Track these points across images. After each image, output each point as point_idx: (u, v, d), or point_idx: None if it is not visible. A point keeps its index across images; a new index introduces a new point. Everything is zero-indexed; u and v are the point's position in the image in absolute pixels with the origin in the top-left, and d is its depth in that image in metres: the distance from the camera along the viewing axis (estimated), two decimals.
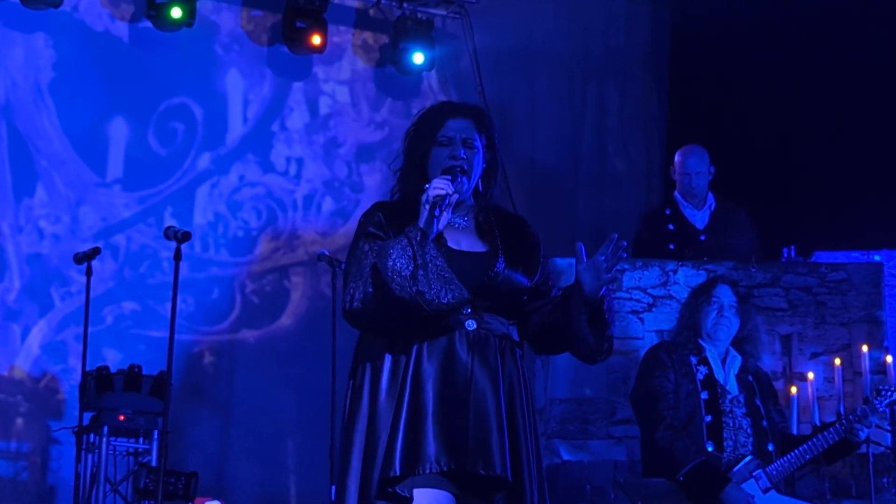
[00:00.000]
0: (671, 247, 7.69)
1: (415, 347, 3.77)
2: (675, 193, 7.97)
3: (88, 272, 7.49)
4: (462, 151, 3.93)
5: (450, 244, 3.86)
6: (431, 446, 3.66)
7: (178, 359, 7.66)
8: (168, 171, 8.95)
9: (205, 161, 9.06)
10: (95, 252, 7.56)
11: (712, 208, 7.90)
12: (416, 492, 3.67)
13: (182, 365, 8.42)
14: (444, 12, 9.76)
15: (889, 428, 6.80)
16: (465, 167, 3.91)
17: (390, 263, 3.67)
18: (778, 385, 7.18)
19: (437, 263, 3.70)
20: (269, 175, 9.25)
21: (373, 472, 3.70)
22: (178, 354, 7.24)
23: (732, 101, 9.69)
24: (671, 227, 7.80)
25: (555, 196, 10.14)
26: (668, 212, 7.91)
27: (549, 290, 4.03)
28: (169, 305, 6.73)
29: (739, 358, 6.07)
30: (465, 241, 3.92)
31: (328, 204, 9.35)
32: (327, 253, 7.79)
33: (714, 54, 9.77)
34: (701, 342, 6.05)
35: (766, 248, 7.96)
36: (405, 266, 3.66)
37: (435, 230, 3.77)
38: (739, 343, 6.11)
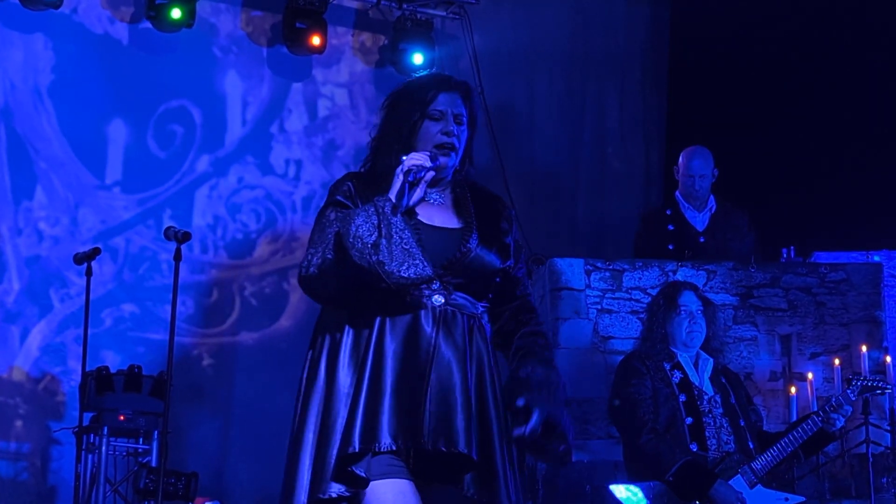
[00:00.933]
0: (670, 247, 7.67)
1: (377, 321, 3.63)
2: (677, 194, 7.95)
3: (88, 273, 7.48)
4: (454, 128, 3.81)
5: (421, 218, 3.72)
6: (388, 423, 3.51)
7: (178, 360, 7.66)
8: (167, 173, 8.95)
9: (203, 163, 9.07)
10: (95, 252, 7.55)
11: (713, 210, 7.87)
12: (372, 484, 3.52)
13: (182, 366, 8.38)
14: (443, 13, 9.77)
15: (888, 428, 6.81)
16: (456, 144, 3.80)
17: (353, 230, 3.52)
18: (777, 385, 7.20)
19: (403, 236, 3.55)
20: (267, 177, 9.26)
21: (329, 450, 3.56)
22: (177, 356, 7.26)
23: (732, 102, 9.70)
24: (671, 227, 7.78)
25: (554, 197, 10.13)
26: (668, 212, 7.88)
27: (520, 277, 3.92)
28: (168, 307, 6.73)
29: (710, 360, 6.06)
30: (438, 217, 3.79)
31: None
32: None
33: (713, 55, 9.78)
34: (672, 349, 6.05)
35: (765, 248, 7.95)
36: (368, 234, 3.52)
37: (405, 203, 3.64)
38: (707, 343, 6.10)
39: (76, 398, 7.76)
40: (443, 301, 3.67)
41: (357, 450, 3.49)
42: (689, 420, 5.82)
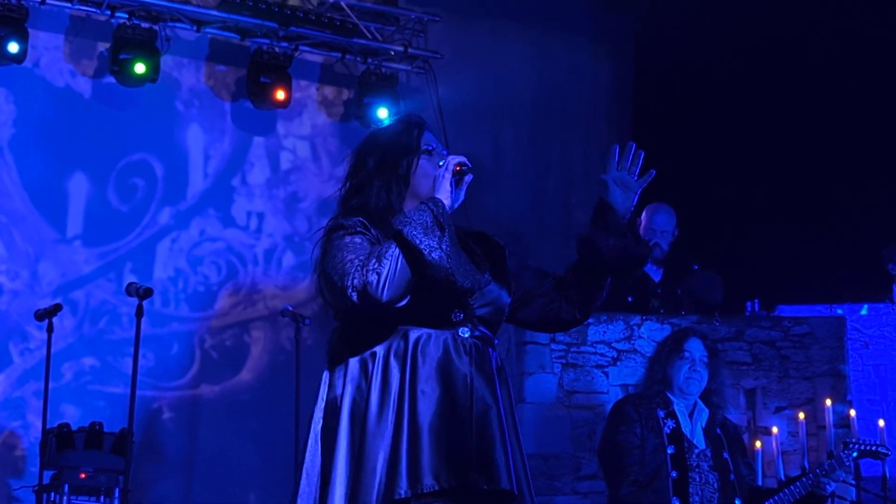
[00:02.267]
0: (630, 299, 7.67)
1: (409, 360, 3.58)
2: None
3: (49, 329, 7.44)
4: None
5: None
6: (430, 463, 3.46)
7: (139, 415, 7.60)
8: (128, 226, 8.92)
9: (165, 216, 9.05)
10: (57, 309, 7.50)
11: (670, 264, 7.89)
12: None
13: (143, 421, 8.36)
14: (408, 67, 9.81)
15: (853, 482, 6.77)
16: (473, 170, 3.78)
17: (417, 228, 3.50)
18: (743, 439, 7.16)
19: (453, 238, 3.58)
20: (229, 230, 9.24)
21: (367, 494, 3.49)
22: (138, 410, 7.20)
23: (695, 156, 9.72)
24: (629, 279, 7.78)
25: (521, 249, 10.08)
26: None
27: (536, 268, 3.99)
28: (128, 361, 6.68)
29: (707, 411, 6.03)
30: None
31: (289, 258, 9.34)
32: (291, 308, 7.78)
33: (677, 108, 9.82)
34: (669, 395, 6.01)
35: (730, 302, 7.94)
36: (432, 230, 3.51)
37: (451, 202, 3.66)
38: (707, 395, 6.07)
39: (36, 454, 7.70)
40: (469, 334, 3.66)
41: (404, 494, 3.46)
42: (674, 474, 5.78)
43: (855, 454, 5.92)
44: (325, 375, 3.74)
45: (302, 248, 9.35)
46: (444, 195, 3.65)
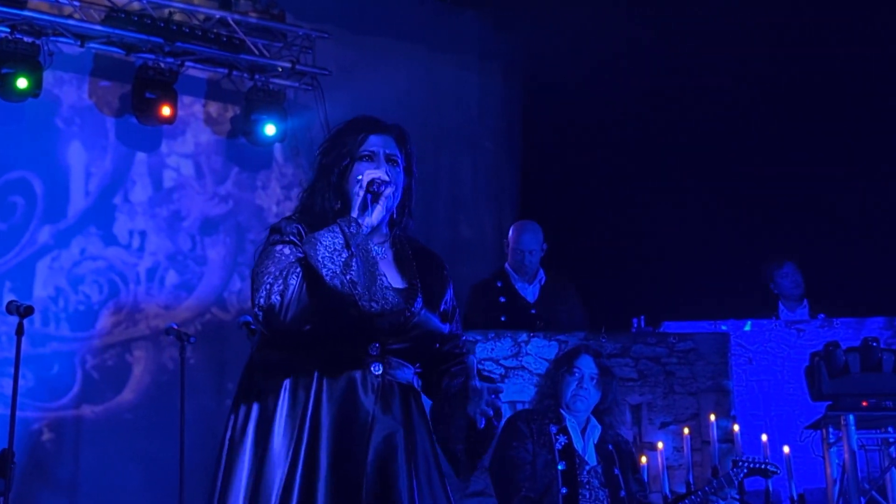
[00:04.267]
0: (503, 318, 7.69)
1: (314, 388, 3.48)
2: (507, 266, 7.98)
3: None
4: (387, 167, 3.68)
5: None
6: (324, 501, 3.37)
7: (20, 436, 7.45)
8: (7, 245, 8.76)
9: (45, 235, 8.90)
10: None
11: (542, 282, 7.93)
12: None
13: (24, 442, 8.19)
14: (296, 84, 9.75)
15: (737, 497, 6.83)
16: (390, 184, 3.63)
17: (321, 250, 3.41)
18: None
19: (369, 259, 3.47)
20: (111, 248, 9.10)
21: None
22: (19, 431, 7.05)
23: (584, 174, 9.81)
24: (503, 299, 7.81)
25: None
26: (499, 284, 7.90)
27: (458, 334, 3.81)
28: (8, 381, 6.55)
29: (599, 428, 6.06)
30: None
31: (172, 277, 9.23)
32: (175, 326, 7.70)
33: (565, 128, 9.89)
34: (561, 411, 6.03)
35: (616, 318, 7.99)
36: (337, 253, 3.42)
37: (369, 221, 3.55)
38: (600, 414, 6.10)
39: None
40: (381, 370, 3.53)
41: None
42: (564, 490, 5.79)
43: (745, 472, 5.98)
44: (238, 392, 3.65)
45: (185, 267, 9.25)
46: (358, 213, 3.55)
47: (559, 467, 5.85)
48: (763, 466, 6.06)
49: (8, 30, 8.67)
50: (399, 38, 10.40)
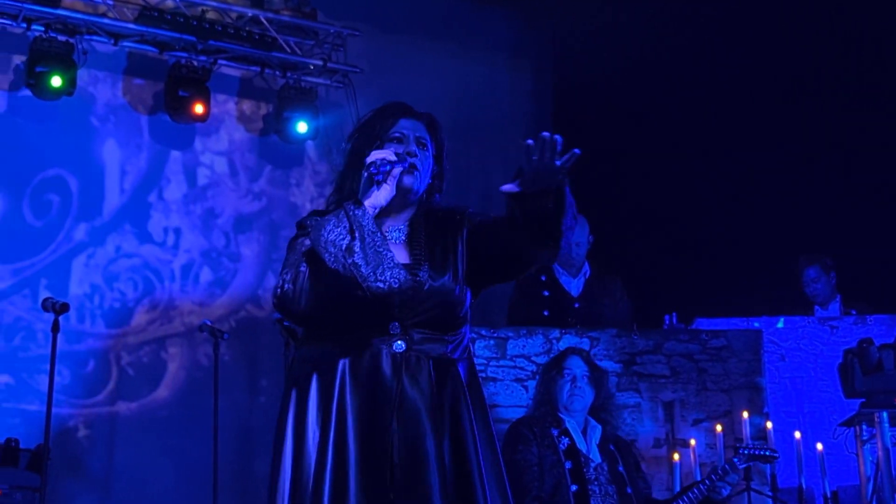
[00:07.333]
0: (546, 313, 7.67)
1: (339, 371, 3.48)
2: None
3: None
4: (416, 149, 3.69)
5: None
6: (355, 489, 3.36)
7: (55, 432, 7.54)
8: (43, 242, 8.83)
9: (80, 232, 8.96)
10: None
11: (587, 276, 7.90)
12: None
13: (58, 438, 8.26)
14: (327, 81, 9.80)
15: (770, 494, 6.83)
16: (418, 164, 3.66)
17: (324, 234, 3.46)
18: (661, 452, 7.19)
19: (375, 238, 3.48)
20: (145, 245, 9.17)
21: None
22: (54, 428, 7.14)
23: (615, 169, 9.78)
24: (546, 293, 7.78)
25: None
26: (543, 278, 7.87)
27: (489, 222, 3.77)
28: (44, 378, 6.60)
29: (599, 427, 6.09)
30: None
31: (206, 274, 9.27)
32: (209, 323, 7.76)
33: (597, 122, 9.86)
34: (560, 415, 6.07)
35: (648, 315, 7.98)
36: (340, 237, 3.45)
37: (375, 201, 3.55)
38: (596, 412, 6.14)
39: None
40: (405, 347, 3.51)
41: None
42: (574, 487, 5.81)
43: (746, 457, 6.04)
44: (284, 386, 3.70)
45: (218, 264, 9.29)
46: (365, 195, 3.58)
47: (566, 466, 5.87)
48: (763, 453, 6.12)
49: (42, 28, 8.74)
50: (429, 36, 10.41)
